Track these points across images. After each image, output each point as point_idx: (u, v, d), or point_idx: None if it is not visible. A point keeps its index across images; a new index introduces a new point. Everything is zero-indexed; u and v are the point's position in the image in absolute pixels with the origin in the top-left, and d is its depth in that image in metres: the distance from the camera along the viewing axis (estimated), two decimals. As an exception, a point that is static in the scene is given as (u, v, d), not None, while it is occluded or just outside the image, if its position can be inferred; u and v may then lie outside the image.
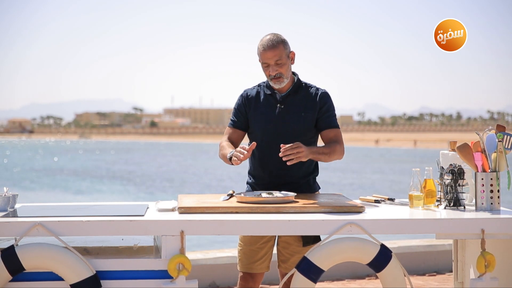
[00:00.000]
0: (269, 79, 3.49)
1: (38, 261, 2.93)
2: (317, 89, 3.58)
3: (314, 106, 3.53)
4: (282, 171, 3.50)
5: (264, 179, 3.56)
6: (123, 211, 3.17)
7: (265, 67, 3.47)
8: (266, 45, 3.44)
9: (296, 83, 3.56)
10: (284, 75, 3.46)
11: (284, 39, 3.48)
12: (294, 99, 3.53)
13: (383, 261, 3.04)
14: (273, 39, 3.45)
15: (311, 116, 3.52)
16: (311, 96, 3.55)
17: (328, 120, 3.54)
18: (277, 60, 3.43)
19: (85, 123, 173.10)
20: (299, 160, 3.25)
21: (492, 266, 3.07)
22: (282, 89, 3.54)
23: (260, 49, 3.46)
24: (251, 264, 3.50)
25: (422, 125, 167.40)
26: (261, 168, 3.56)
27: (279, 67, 3.44)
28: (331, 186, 23.89)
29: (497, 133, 3.26)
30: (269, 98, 3.55)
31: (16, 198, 3.29)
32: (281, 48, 3.44)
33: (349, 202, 3.28)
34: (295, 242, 3.46)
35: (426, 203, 3.29)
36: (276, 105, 3.53)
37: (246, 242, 3.50)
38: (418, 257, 6.07)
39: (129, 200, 19.62)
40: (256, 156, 3.57)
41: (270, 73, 3.45)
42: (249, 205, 3.16)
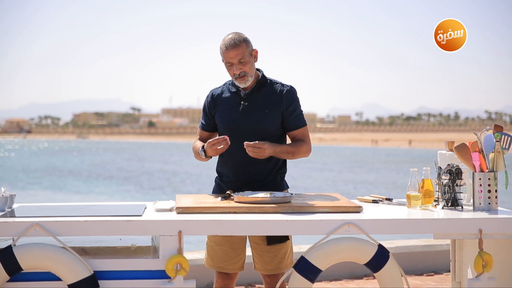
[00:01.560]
0: (234, 78, 3.48)
1: (36, 261, 2.92)
2: (282, 86, 3.57)
3: (279, 103, 3.52)
4: (247, 169, 3.51)
5: (230, 176, 3.56)
6: (121, 211, 3.17)
7: (229, 67, 3.46)
8: (228, 44, 3.43)
9: (260, 80, 3.55)
10: (248, 74, 3.46)
11: (246, 38, 3.48)
12: (258, 96, 3.53)
13: (381, 261, 3.04)
14: (235, 38, 3.44)
15: (275, 113, 3.51)
16: (275, 93, 3.55)
17: (295, 120, 3.55)
18: (240, 59, 3.43)
19: (83, 123, 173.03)
20: (259, 158, 3.35)
21: (490, 266, 3.08)
22: (247, 87, 3.54)
23: (222, 49, 3.45)
24: (222, 264, 3.49)
25: (420, 125, 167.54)
26: (226, 166, 3.57)
27: (242, 66, 3.44)
28: (329, 186, 23.91)
29: (494, 133, 3.27)
30: (234, 96, 3.55)
31: (14, 198, 3.28)
32: (243, 46, 3.44)
33: (347, 202, 3.28)
34: (263, 242, 3.46)
35: (424, 203, 3.29)
36: (240, 103, 3.53)
37: (217, 242, 3.48)
38: (416, 257, 6.07)
39: (127, 200, 19.61)
40: (223, 153, 3.56)
41: (234, 72, 3.44)
42: (247, 205, 3.16)
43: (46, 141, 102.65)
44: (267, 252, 3.46)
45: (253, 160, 3.47)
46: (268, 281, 3.53)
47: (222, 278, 3.53)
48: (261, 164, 3.50)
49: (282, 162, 3.59)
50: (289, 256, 3.52)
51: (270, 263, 3.47)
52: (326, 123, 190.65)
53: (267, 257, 3.46)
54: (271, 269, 3.48)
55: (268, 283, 3.53)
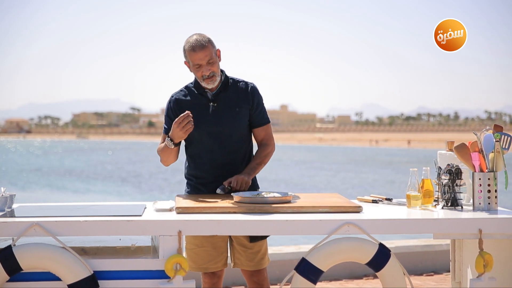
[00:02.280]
0: (202, 80, 3.47)
1: (35, 261, 2.92)
2: (246, 83, 3.60)
3: (246, 100, 3.56)
4: (223, 169, 3.53)
5: (205, 178, 3.56)
6: (120, 211, 3.17)
7: (197, 68, 3.45)
8: (195, 46, 3.42)
9: (224, 80, 3.56)
10: (216, 74, 3.47)
11: (210, 38, 3.48)
12: (226, 96, 3.54)
13: (382, 260, 3.04)
14: (201, 40, 3.43)
15: (245, 111, 3.55)
16: (242, 91, 3.58)
17: (260, 116, 3.61)
18: (209, 59, 3.43)
19: (83, 123, 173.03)
20: (246, 188, 3.46)
21: (490, 266, 3.08)
22: (213, 87, 3.53)
23: (189, 51, 3.43)
24: (206, 264, 3.49)
25: (420, 125, 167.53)
26: (202, 168, 3.56)
27: (211, 66, 3.44)
28: (329, 186, 23.91)
29: (494, 133, 3.27)
30: (200, 98, 3.54)
31: (14, 198, 3.28)
32: (210, 47, 3.44)
33: (347, 202, 3.28)
34: (246, 239, 3.49)
35: (424, 203, 3.29)
36: (208, 104, 3.53)
37: (198, 244, 3.47)
38: (416, 257, 6.07)
39: (127, 200, 19.61)
40: (195, 156, 3.57)
41: (204, 73, 3.43)
42: (247, 205, 3.16)
43: (46, 141, 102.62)
44: (250, 248, 3.49)
45: (229, 160, 3.52)
46: (255, 280, 3.55)
47: (209, 278, 3.54)
48: (237, 163, 3.55)
49: (249, 158, 3.63)
50: (267, 253, 3.58)
51: (253, 259, 3.50)
52: (325, 123, 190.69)
53: (250, 253, 3.49)
54: (253, 265, 3.51)
55: (255, 282, 3.55)
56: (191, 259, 3.50)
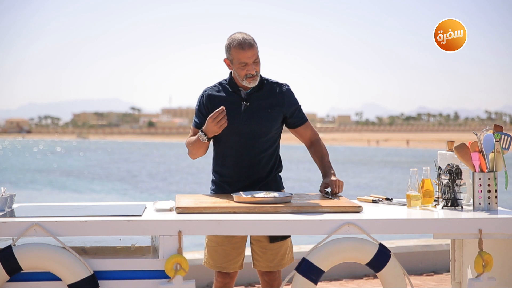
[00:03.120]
0: (244, 79, 3.46)
1: (35, 261, 2.92)
2: (280, 85, 3.60)
3: (280, 102, 3.55)
4: (250, 169, 3.52)
5: (231, 176, 3.55)
6: (120, 211, 3.17)
7: (242, 67, 3.45)
8: (244, 44, 3.43)
9: (259, 80, 3.56)
10: (259, 74, 3.49)
11: (254, 38, 3.50)
12: (259, 96, 3.54)
13: (382, 260, 3.04)
14: (249, 39, 3.45)
15: (277, 113, 3.54)
16: (275, 92, 3.57)
17: (299, 116, 3.62)
18: (255, 59, 3.45)
19: (83, 123, 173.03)
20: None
21: (490, 266, 3.08)
22: (245, 87, 3.54)
23: (237, 49, 3.43)
24: (224, 264, 3.49)
25: (420, 125, 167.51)
26: (228, 166, 3.55)
27: (256, 66, 3.46)
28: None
29: (494, 133, 3.27)
30: (234, 96, 3.54)
31: (14, 198, 3.28)
32: (256, 47, 3.47)
33: (347, 202, 3.28)
34: (265, 240, 3.48)
35: (424, 203, 3.29)
36: (241, 103, 3.53)
37: (219, 242, 3.49)
38: (416, 257, 6.07)
39: (127, 200, 19.61)
40: (222, 154, 3.56)
41: (249, 72, 3.44)
42: (247, 205, 3.16)
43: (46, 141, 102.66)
44: (270, 249, 3.48)
45: (256, 160, 3.50)
46: (266, 279, 3.55)
47: (222, 277, 3.53)
48: (264, 164, 3.53)
49: (279, 161, 3.63)
50: (290, 253, 3.55)
51: (272, 260, 3.49)
52: (326, 123, 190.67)
53: (270, 254, 3.48)
54: (273, 266, 3.50)
55: (267, 282, 3.55)
56: (210, 256, 3.51)
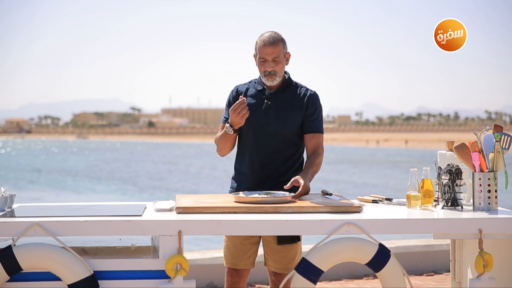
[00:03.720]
0: (263, 75, 3.50)
1: (35, 261, 2.92)
2: (306, 90, 3.60)
3: (300, 105, 3.55)
4: (261, 167, 3.53)
5: (248, 174, 3.57)
6: (120, 211, 3.17)
7: (262, 62, 3.49)
8: (267, 40, 3.46)
9: (286, 81, 3.58)
10: (278, 74, 3.49)
11: (284, 39, 3.52)
12: (282, 97, 3.55)
13: (382, 260, 3.04)
14: (274, 36, 3.48)
15: (297, 115, 3.54)
16: (299, 96, 3.57)
17: (313, 123, 3.56)
18: (275, 57, 3.46)
19: (83, 123, 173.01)
20: (307, 193, 3.43)
21: (490, 266, 3.08)
22: (272, 87, 3.56)
23: (259, 44, 3.48)
24: (235, 260, 3.52)
25: (420, 125, 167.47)
26: (243, 164, 3.58)
27: (275, 65, 3.47)
28: (329, 186, 23.90)
29: (494, 133, 3.27)
30: (258, 94, 3.57)
31: (14, 198, 3.28)
32: (280, 46, 3.47)
33: (347, 202, 3.28)
34: (274, 241, 3.48)
35: (424, 203, 3.29)
36: (263, 101, 3.55)
37: (230, 238, 3.52)
38: (416, 257, 6.07)
39: (127, 200, 19.61)
40: (241, 151, 3.60)
41: (266, 68, 3.47)
42: (247, 205, 3.16)
43: (46, 141, 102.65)
44: (278, 251, 3.48)
45: (269, 160, 3.51)
46: (273, 279, 3.55)
47: (230, 276, 3.55)
48: (277, 164, 3.53)
49: (300, 164, 3.60)
50: (298, 258, 3.53)
51: (280, 262, 3.50)
52: (326, 123, 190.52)
53: (277, 256, 3.49)
54: (280, 268, 3.50)
55: (273, 282, 3.55)
56: (224, 253, 3.56)
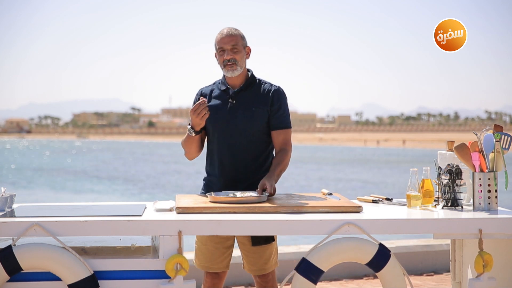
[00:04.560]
0: (223, 66, 3.48)
1: (35, 261, 2.92)
2: (270, 85, 3.58)
3: (265, 101, 3.52)
4: (232, 168, 3.51)
5: (216, 175, 3.55)
6: (120, 211, 3.17)
7: (221, 53, 3.47)
8: (224, 32, 3.48)
9: (249, 79, 3.55)
10: (238, 63, 3.46)
11: (242, 33, 3.52)
12: (246, 95, 3.53)
13: (382, 260, 3.04)
14: (232, 28, 3.50)
15: (262, 112, 3.50)
16: (263, 92, 3.54)
17: (279, 119, 3.53)
18: (233, 45, 3.45)
19: (83, 123, 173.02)
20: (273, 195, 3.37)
21: (490, 266, 3.08)
22: (235, 85, 3.54)
23: (217, 37, 3.48)
24: (208, 263, 3.50)
25: (420, 125, 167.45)
26: (214, 165, 3.56)
27: (234, 54, 3.45)
28: (329, 186, 23.90)
29: (494, 133, 3.27)
30: (222, 94, 3.55)
31: (14, 198, 3.28)
32: (238, 37, 3.48)
33: (347, 202, 3.28)
34: (248, 242, 3.47)
35: (424, 203, 3.29)
36: (228, 101, 3.53)
37: (203, 241, 3.49)
38: (416, 257, 6.07)
39: (127, 200, 19.60)
40: (210, 152, 3.58)
41: (225, 57, 3.45)
42: (247, 205, 3.16)
43: (46, 141, 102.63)
44: (253, 253, 3.47)
45: (238, 159, 3.48)
46: (258, 281, 3.55)
47: (210, 278, 3.54)
48: (247, 164, 3.50)
49: (268, 164, 3.56)
50: (274, 257, 3.53)
51: (255, 264, 3.49)
52: (326, 123, 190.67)
53: (252, 257, 3.48)
54: (256, 269, 3.50)
55: (259, 283, 3.54)
56: (196, 255, 3.53)
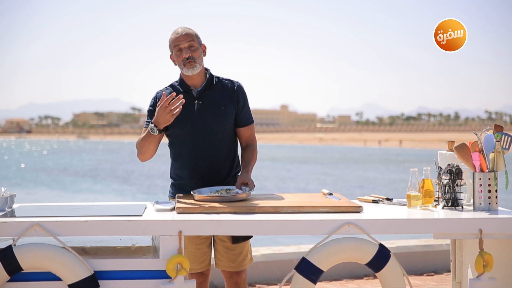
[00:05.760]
0: (182, 65, 3.46)
1: (36, 261, 2.92)
2: (232, 82, 3.60)
3: (232, 99, 3.54)
4: (208, 169, 3.50)
5: (190, 178, 3.53)
6: (121, 211, 3.17)
7: (178, 52, 3.46)
8: (179, 31, 3.47)
9: (209, 78, 3.56)
10: (197, 60, 3.46)
11: (196, 32, 3.52)
12: (211, 94, 3.53)
13: (382, 260, 3.04)
14: (186, 28, 3.50)
15: (230, 110, 3.53)
16: (228, 89, 3.56)
17: (245, 116, 3.59)
18: (190, 44, 3.44)
19: (83, 123, 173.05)
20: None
21: (491, 266, 3.08)
22: (196, 85, 3.53)
23: (172, 37, 3.48)
24: (191, 265, 3.48)
25: (420, 125, 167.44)
26: (185, 168, 3.53)
27: (192, 52, 3.45)
28: (329, 186, 23.90)
29: (495, 133, 3.27)
30: (186, 96, 3.50)
31: (14, 198, 3.28)
32: (193, 35, 3.48)
33: (347, 202, 3.28)
34: (228, 240, 3.49)
35: (424, 203, 3.29)
36: (193, 102, 3.52)
37: (186, 244, 3.45)
38: (416, 257, 6.07)
39: (127, 200, 19.60)
40: (179, 156, 3.55)
41: (184, 55, 3.44)
42: (247, 205, 3.16)
43: (46, 141, 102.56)
44: (232, 250, 3.50)
45: (213, 160, 3.49)
46: (232, 280, 3.55)
47: (195, 277, 3.54)
48: (222, 163, 3.52)
49: (238, 161, 3.62)
50: (249, 254, 3.58)
51: (234, 261, 3.52)
52: (326, 123, 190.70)
53: (232, 254, 3.51)
54: (235, 266, 3.52)
55: (233, 283, 3.55)
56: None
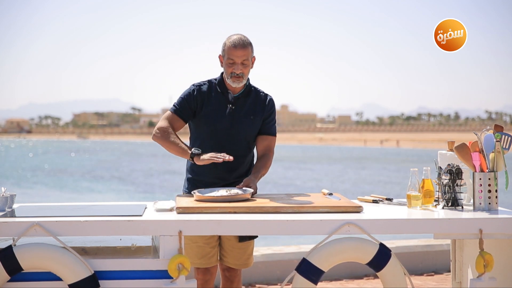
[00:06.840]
0: (229, 76, 3.50)
1: (36, 261, 2.92)
2: (265, 95, 3.67)
3: (262, 111, 3.62)
4: (227, 172, 3.56)
5: (208, 177, 3.58)
6: (121, 211, 3.17)
7: (230, 64, 3.49)
8: (237, 43, 3.47)
9: (248, 86, 3.62)
10: (245, 76, 3.52)
11: (251, 43, 3.53)
12: (245, 102, 3.60)
13: (383, 260, 3.04)
14: (244, 39, 3.50)
15: (259, 121, 3.61)
16: (260, 101, 3.64)
17: (268, 125, 3.65)
18: (244, 59, 3.48)
19: (83, 123, 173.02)
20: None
21: (491, 266, 3.08)
22: (234, 90, 3.58)
23: (229, 45, 3.48)
24: (200, 260, 3.53)
25: (420, 125, 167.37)
26: (205, 166, 3.54)
27: (243, 68, 3.49)
28: (329, 186, 23.91)
29: (495, 133, 3.27)
30: (221, 97, 3.58)
31: (14, 198, 3.28)
32: (249, 49, 3.50)
33: (347, 202, 3.28)
34: (235, 238, 3.54)
35: (424, 203, 3.29)
36: (227, 105, 3.57)
37: (194, 240, 3.52)
38: (416, 257, 6.07)
39: (127, 200, 19.60)
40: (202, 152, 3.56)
41: (234, 70, 3.48)
42: (247, 205, 3.17)
43: (46, 141, 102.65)
44: (238, 248, 3.56)
45: (234, 164, 3.53)
46: (227, 275, 3.62)
47: (202, 274, 3.58)
48: (241, 168, 3.59)
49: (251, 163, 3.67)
50: (252, 253, 3.65)
51: (239, 259, 3.58)
52: (326, 123, 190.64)
53: (237, 252, 3.56)
54: (240, 264, 3.58)
55: (227, 277, 3.61)
56: (187, 254, 3.52)
